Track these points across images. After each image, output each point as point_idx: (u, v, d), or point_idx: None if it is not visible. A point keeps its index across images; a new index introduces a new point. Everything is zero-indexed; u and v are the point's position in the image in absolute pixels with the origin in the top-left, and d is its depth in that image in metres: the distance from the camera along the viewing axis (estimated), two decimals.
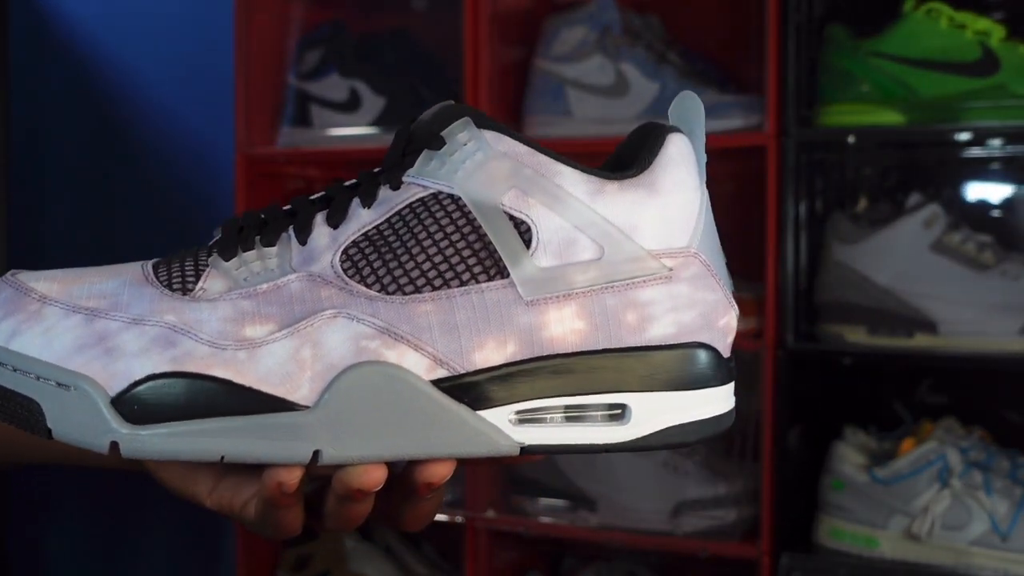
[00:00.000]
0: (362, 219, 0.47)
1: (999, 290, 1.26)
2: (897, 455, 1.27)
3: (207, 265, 0.47)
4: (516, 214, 0.46)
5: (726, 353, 0.48)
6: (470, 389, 0.45)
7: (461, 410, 0.45)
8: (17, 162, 2.05)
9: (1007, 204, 1.44)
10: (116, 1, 2.08)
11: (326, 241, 0.47)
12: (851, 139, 1.31)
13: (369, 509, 0.49)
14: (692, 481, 1.38)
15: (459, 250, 0.45)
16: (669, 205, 0.47)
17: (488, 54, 1.44)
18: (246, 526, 0.51)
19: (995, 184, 1.44)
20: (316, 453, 0.44)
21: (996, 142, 1.35)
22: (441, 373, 0.45)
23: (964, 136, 1.32)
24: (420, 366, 0.45)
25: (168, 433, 0.44)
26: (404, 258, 0.46)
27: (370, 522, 0.50)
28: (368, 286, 0.45)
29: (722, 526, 1.34)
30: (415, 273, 0.45)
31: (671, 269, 0.46)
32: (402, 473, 0.48)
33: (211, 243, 0.48)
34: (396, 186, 0.48)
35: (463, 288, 0.45)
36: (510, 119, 1.49)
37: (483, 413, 0.45)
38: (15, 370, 0.44)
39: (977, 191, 1.45)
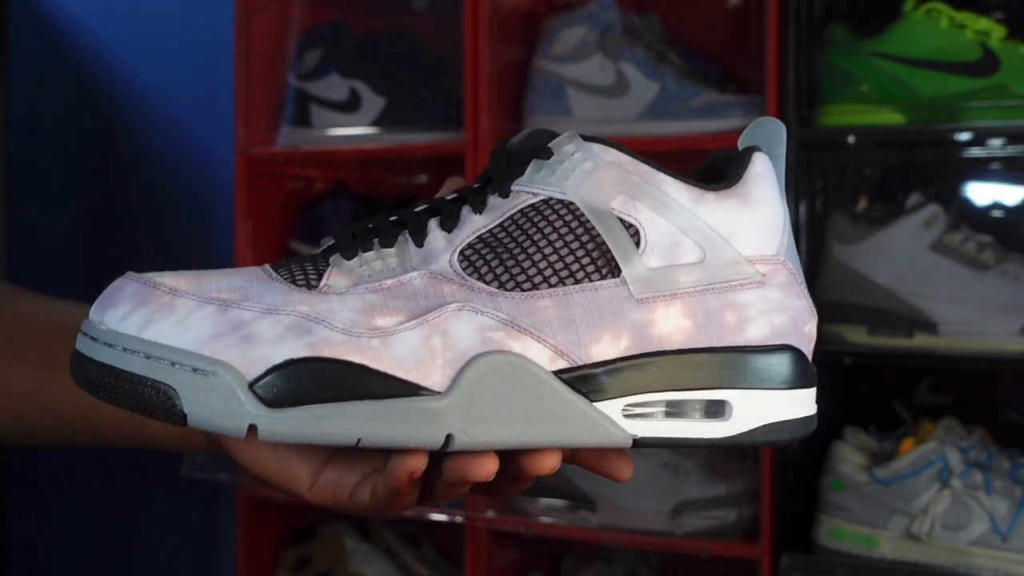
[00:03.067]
0: (475, 223, 0.49)
1: (999, 290, 1.26)
2: (897, 455, 1.27)
3: (328, 264, 0.49)
4: (625, 217, 0.48)
5: (809, 358, 0.51)
6: (588, 381, 0.47)
7: (580, 401, 0.47)
8: (17, 162, 2.05)
9: (1007, 204, 1.44)
10: (116, 1, 2.08)
11: (442, 243, 0.49)
12: (851, 139, 1.31)
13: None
14: (692, 481, 1.38)
15: (573, 250, 0.48)
16: (760, 215, 0.50)
17: (488, 54, 1.44)
18: (354, 512, 0.52)
19: (995, 184, 1.44)
20: (449, 437, 0.46)
21: (996, 142, 1.35)
22: (561, 364, 0.47)
23: (964, 136, 1.32)
24: (543, 357, 0.47)
25: (306, 416, 0.45)
26: (520, 257, 0.48)
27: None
28: (487, 283, 0.48)
29: (722, 526, 1.34)
30: (532, 271, 0.48)
31: (764, 275, 0.49)
32: (506, 462, 0.49)
33: (324, 249, 0.50)
34: (505, 194, 0.50)
35: (578, 286, 0.48)
36: (510, 119, 1.49)
37: (599, 405, 0.47)
38: (148, 357, 0.45)
39: (977, 191, 1.45)
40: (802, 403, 0.50)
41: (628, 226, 0.48)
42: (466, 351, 0.46)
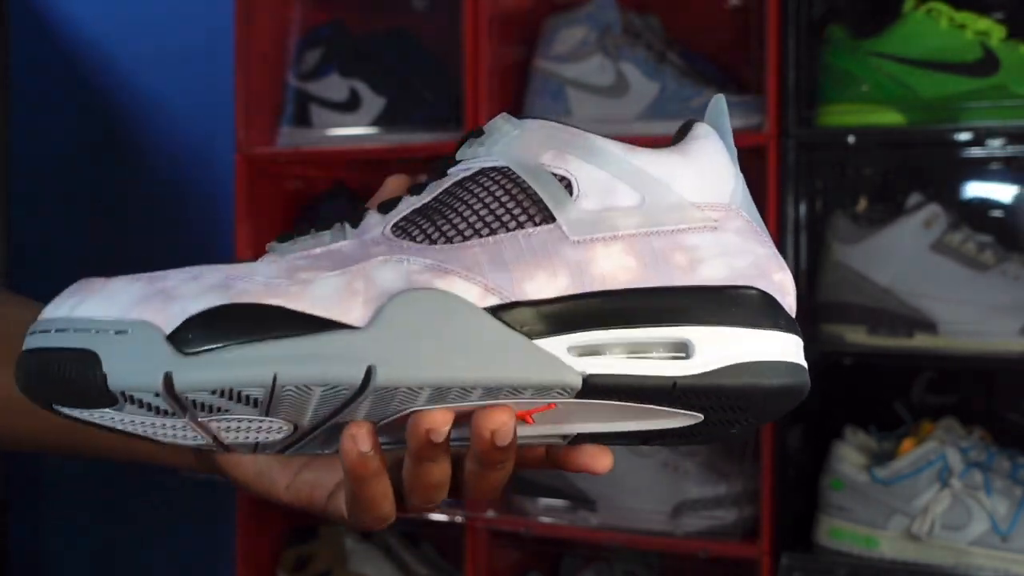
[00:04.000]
0: (411, 203, 0.48)
1: (999, 290, 1.26)
2: (897, 455, 1.27)
3: (266, 250, 0.49)
4: (556, 170, 0.47)
5: (789, 312, 0.47)
6: (523, 317, 0.45)
7: (517, 337, 0.44)
8: (17, 162, 2.05)
9: (1007, 204, 1.44)
10: (116, 1, 2.08)
11: (376, 220, 0.48)
12: (851, 139, 1.31)
13: (445, 475, 0.48)
14: (692, 481, 1.38)
15: (504, 203, 0.47)
16: (704, 167, 0.47)
17: (488, 54, 1.44)
18: (330, 518, 0.51)
19: (995, 184, 1.44)
20: (370, 370, 0.43)
21: (996, 142, 1.35)
22: (492, 301, 0.45)
23: (964, 136, 1.32)
24: (471, 293, 0.45)
25: (220, 359, 0.43)
26: (452, 216, 0.47)
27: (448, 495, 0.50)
28: (418, 242, 0.46)
29: (722, 526, 1.34)
30: (463, 226, 0.46)
31: (716, 220, 0.46)
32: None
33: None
34: (442, 175, 0.49)
35: (510, 234, 0.46)
36: None
37: (539, 342, 0.44)
38: (75, 331, 0.44)
39: (977, 191, 1.45)
40: (780, 347, 0.46)
41: (560, 178, 0.47)
42: (388, 290, 0.44)
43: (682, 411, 0.46)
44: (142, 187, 2.07)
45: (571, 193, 0.46)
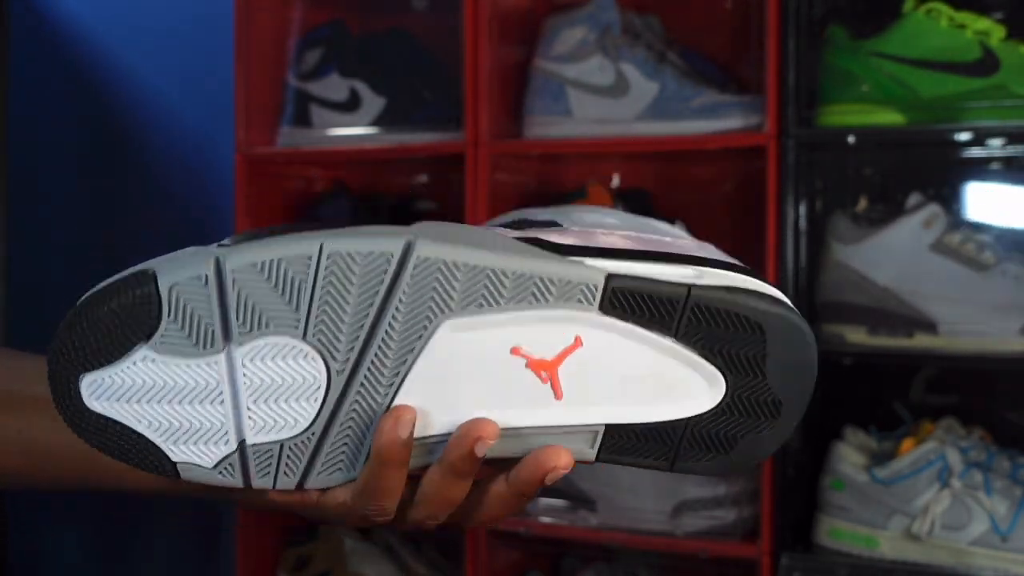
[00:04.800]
0: None
1: (999, 290, 1.26)
2: (897, 455, 1.27)
3: None
4: None
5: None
6: (547, 245, 0.48)
7: (544, 251, 0.47)
8: (17, 163, 2.05)
9: (1007, 204, 1.44)
10: (116, 1, 2.08)
11: None
12: (851, 139, 1.31)
13: (463, 494, 0.49)
14: (692, 481, 1.38)
15: None
16: None
17: (488, 54, 1.44)
18: (322, 512, 0.51)
19: (995, 184, 1.44)
20: (409, 243, 0.45)
21: (996, 142, 1.35)
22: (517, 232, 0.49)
23: (964, 136, 1.32)
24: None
25: (265, 242, 0.45)
26: None
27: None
28: None
29: (722, 526, 1.34)
30: None
31: None
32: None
33: None
34: None
35: None
36: (510, 119, 1.49)
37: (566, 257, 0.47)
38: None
39: (977, 191, 1.45)
40: (776, 291, 0.51)
41: None
42: None
43: (700, 357, 0.48)
44: (142, 187, 2.07)
45: None
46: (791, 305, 0.50)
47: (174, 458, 0.46)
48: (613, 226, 0.50)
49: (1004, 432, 1.37)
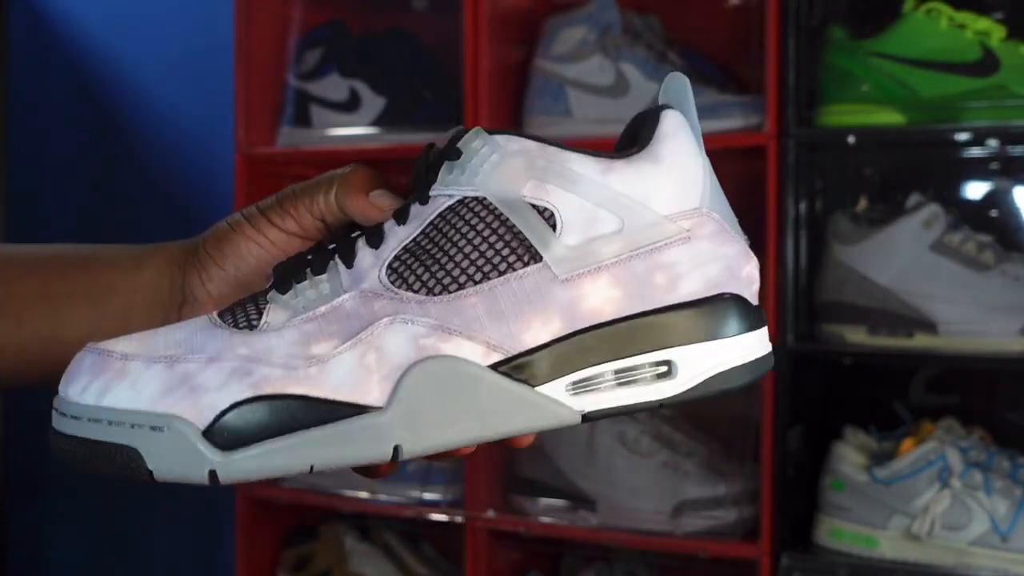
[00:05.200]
0: (399, 235, 0.51)
1: (999, 290, 1.26)
2: (897, 455, 1.27)
3: (267, 302, 0.51)
4: (537, 202, 0.50)
5: (754, 301, 0.51)
6: (525, 368, 0.49)
7: (520, 388, 0.49)
8: (17, 163, 2.05)
9: (1007, 204, 1.44)
10: (116, 1, 2.08)
11: (370, 260, 0.51)
12: (851, 139, 1.31)
13: None
14: (692, 481, 1.38)
15: (492, 244, 0.49)
16: (674, 171, 0.50)
17: (488, 54, 1.44)
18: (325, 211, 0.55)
19: (995, 184, 1.44)
20: (396, 448, 0.48)
21: (996, 142, 1.35)
22: (496, 357, 0.49)
23: (964, 136, 1.32)
24: (476, 353, 0.49)
25: (259, 453, 0.47)
26: (443, 260, 0.50)
27: None
28: (415, 291, 0.49)
29: (722, 526, 1.34)
30: (456, 272, 0.49)
31: (689, 230, 0.50)
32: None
33: (266, 287, 0.52)
34: (424, 201, 0.52)
35: (502, 277, 0.49)
36: (510, 119, 1.49)
37: (541, 388, 0.49)
38: (110, 423, 0.48)
39: (977, 191, 1.45)
40: (751, 345, 0.50)
41: (543, 210, 0.49)
42: (401, 362, 0.48)
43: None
44: (142, 187, 2.07)
45: (555, 228, 0.49)
46: (760, 357, 0.51)
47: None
48: (610, 235, 0.49)
49: (1004, 432, 1.36)
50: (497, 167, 0.50)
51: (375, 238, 0.51)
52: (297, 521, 1.67)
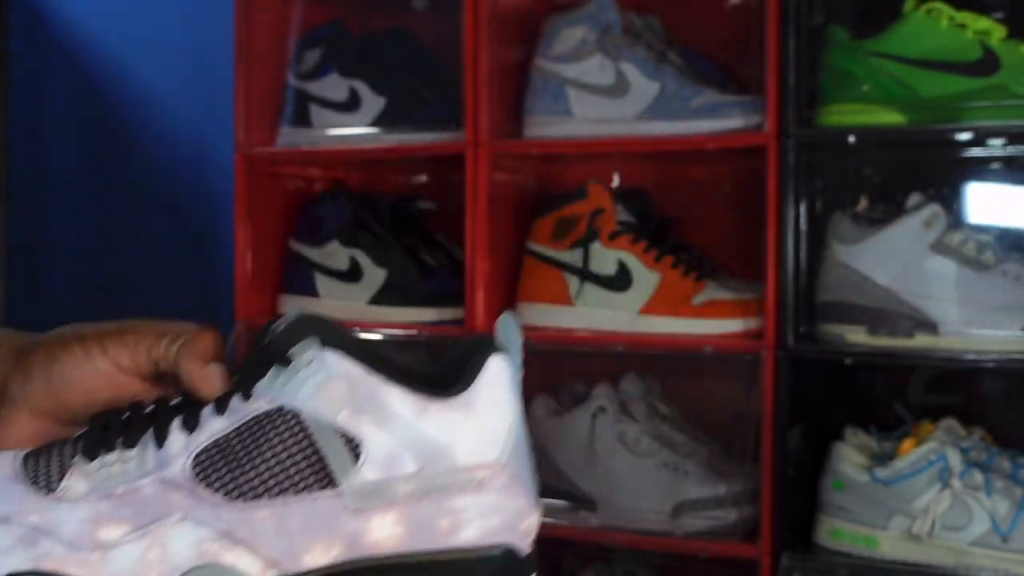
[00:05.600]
0: (213, 427, 0.52)
1: (1000, 290, 1.26)
2: (897, 455, 1.27)
3: (72, 463, 0.51)
4: (349, 431, 0.51)
5: (527, 550, 0.54)
6: None
7: None
8: (16, 163, 2.05)
9: (1007, 204, 1.44)
10: (116, 1, 2.08)
11: (180, 445, 0.51)
12: (851, 139, 1.31)
13: None
14: (692, 481, 1.38)
15: (296, 462, 0.51)
16: (485, 423, 0.52)
17: (488, 54, 1.44)
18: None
19: (996, 184, 1.44)
20: None
21: (996, 142, 1.35)
22: (272, 574, 0.51)
23: (964, 136, 1.31)
24: (254, 567, 0.50)
25: None
26: (248, 467, 0.51)
27: None
28: (215, 491, 0.50)
29: (722, 526, 1.34)
30: (256, 481, 0.51)
31: (482, 480, 0.52)
32: None
33: (78, 435, 0.53)
34: (247, 396, 0.52)
35: (298, 496, 0.50)
36: (510, 119, 1.48)
37: None
38: None
39: (978, 191, 1.45)
40: None
41: (351, 439, 0.50)
42: (181, 564, 0.49)
43: None
44: (142, 186, 2.07)
45: (358, 458, 0.51)
46: None
47: None
48: (407, 476, 0.51)
49: (1005, 432, 1.36)
50: (320, 387, 0.51)
51: (191, 420, 0.52)
52: None
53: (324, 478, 0.50)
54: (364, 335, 1.58)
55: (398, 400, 0.51)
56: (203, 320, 0.59)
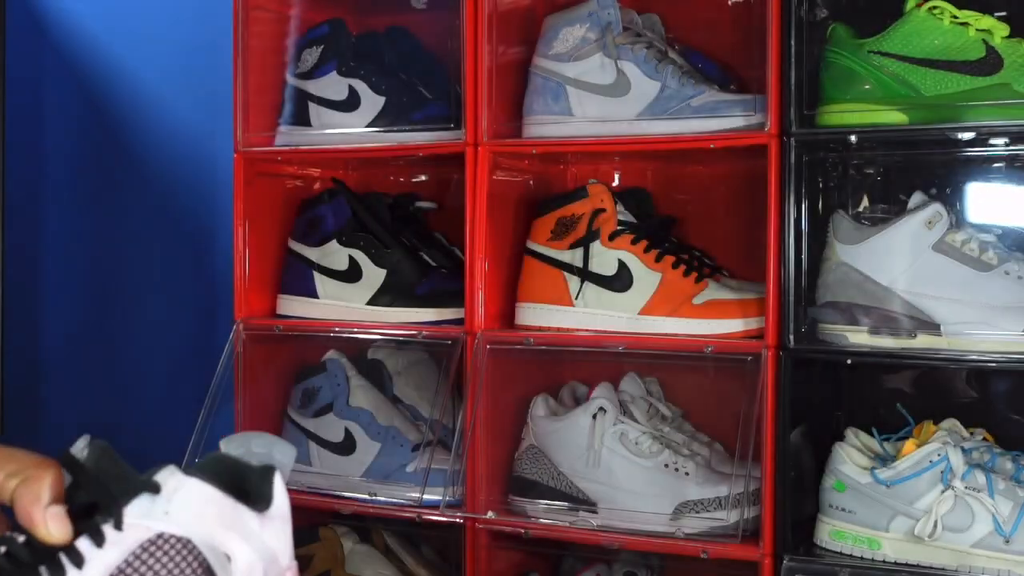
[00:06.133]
0: (104, 559, 0.56)
1: (1002, 290, 1.25)
2: (899, 456, 1.27)
3: None
4: (222, 547, 0.59)
5: None
6: None
7: None
8: (16, 162, 2.05)
9: (1010, 204, 1.43)
10: (116, 1, 2.08)
11: None
12: (853, 138, 1.31)
13: None
14: (693, 482, 1.37)
15: None
16: (287, 528, 0.64)
17: (488, 53, 1.44)
18: None
19: (998, 183, 1.44)
20: None
21: (999, 141, 1.35)
22: None
23: (967, 135, 1.31)
24: None
25: None
26: None
27: None
28: None
29: (723, 528, 1.34)
30: None
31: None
32: None
33: None
34: (119, 527, 0.57)
35: None
36: (510, 118, 1.48)
37: None
38: None
39: (980, 191, 1.44)
40: None
41: (225, 555, 0.59)
42: None
43: None
44: (141, 185, 2.07)
45: (231, 568, 0.59)
46: None
47: None
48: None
49: (1007, 433, 1.36)
50: (193, 512, 0.58)
51: (75, 556, 0.55)
52: (296, 523, 1.66)
53: None
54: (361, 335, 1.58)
55: (247, 515, 0.60)
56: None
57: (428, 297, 1.54)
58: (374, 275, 1.56)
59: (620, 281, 1.42)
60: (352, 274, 1.57)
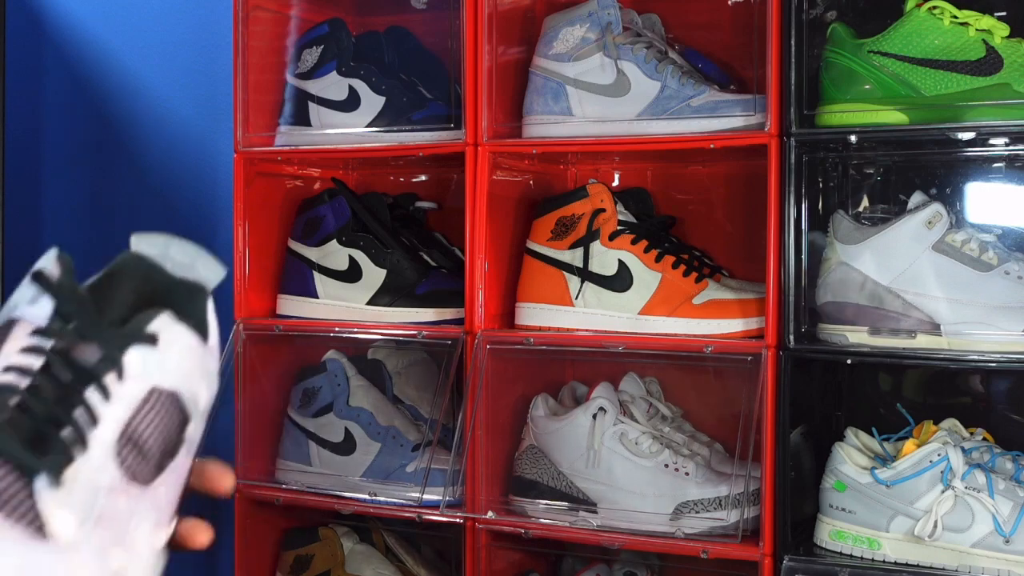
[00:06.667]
0: (115, 415, 0.53)
1: (1002, 290, 1.25)
2: (899, 456, 1.27)
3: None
4: (196, 396, 0.57)
5: None
6: None
7: None
8: (15, 162, 2.05)
9: (1010, 203, 1.43)
10: (116, 1, 2.08)
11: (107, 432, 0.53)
12: (853, 138, 1.31)
13: None
14: (693, 482, 1.37)
15: (173, 434, 0.55)
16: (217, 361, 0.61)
17: (488, 53, 1.44)
18: None
19: (998, 183, 1.44)
20: None
21: (999, 141, 1.35)
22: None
23: (967, 135, 1.31)
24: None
25: None
26: (148, 451, 0.55)
27: None
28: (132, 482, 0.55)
29: (723, 528, 1.34)
30: (156, 461, 0.55)
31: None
32: None
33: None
34: (122, 376, 0.54)
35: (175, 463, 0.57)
36: (510, 119, 1.48)
37: None
38: None
39: (980, 191, 1.44)
40: None
41: (194, 402, 0.57)
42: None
43: None
44: (140, 185, 2.06)
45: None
46: None
47: None
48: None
49: (1007, 433, 1.36)
50: (185, 368, 0.56)
51: (89, 412, 0.52)
52: (296, 522, 1.66)
53: (182, 441, 0.55)
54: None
55: (209, 358, 0.57)
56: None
57: (428, 297, 1.54)
58: (374, 275, 1.56)
59: (620, 281, 1.42)
60: (352, 274, 1.57)
